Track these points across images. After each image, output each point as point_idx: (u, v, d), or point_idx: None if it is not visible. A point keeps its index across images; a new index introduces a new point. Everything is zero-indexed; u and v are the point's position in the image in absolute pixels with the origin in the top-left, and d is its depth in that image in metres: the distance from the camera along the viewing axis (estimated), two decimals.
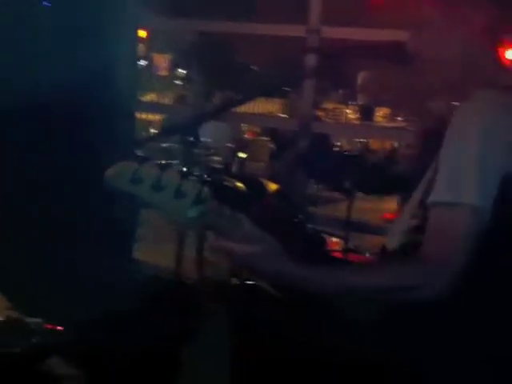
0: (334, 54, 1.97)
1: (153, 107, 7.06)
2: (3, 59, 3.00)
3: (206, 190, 1.41)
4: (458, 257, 1.37)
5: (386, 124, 10.23)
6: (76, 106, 3.13)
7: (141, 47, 10.26)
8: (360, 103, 10.72)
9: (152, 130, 7.94)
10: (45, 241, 3.09)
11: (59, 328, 2.83)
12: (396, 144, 9.24)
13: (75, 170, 3.16)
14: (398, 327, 1.51)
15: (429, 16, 1.58)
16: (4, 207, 3.07)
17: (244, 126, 8.67)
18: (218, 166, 6.12)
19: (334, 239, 3.32)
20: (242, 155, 6.78)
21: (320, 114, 8.17)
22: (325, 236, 3.16)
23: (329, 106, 11.13)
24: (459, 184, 1.39)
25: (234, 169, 6.37)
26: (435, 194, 1.42)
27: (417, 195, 1.56)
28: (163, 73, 15.53)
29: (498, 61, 1.61)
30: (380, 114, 11.28)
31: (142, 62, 11.76)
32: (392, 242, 1.57)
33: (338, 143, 9.18)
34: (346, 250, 3.02)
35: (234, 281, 2.94)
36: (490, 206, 1.39)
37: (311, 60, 3.74)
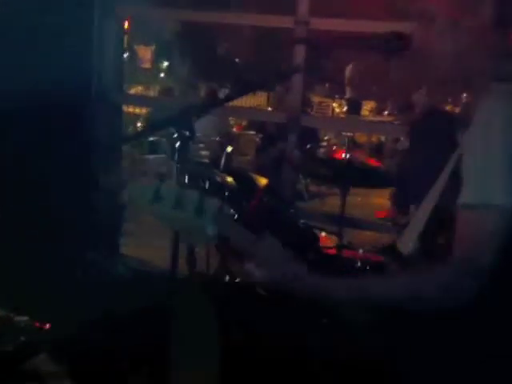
0: (326, 45, 1.94)
1: (140, 100, 6.98)
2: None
3: (225, 206, 1.45)
4: (488, 258, 1.36)
5: (373, 118, 10.22)
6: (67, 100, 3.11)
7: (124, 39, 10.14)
8: (347, 97, 10.69)
9: (139, 124, 7.89)
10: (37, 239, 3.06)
11: (47, 326, 2.78)
12: (383, 138, 9.24)
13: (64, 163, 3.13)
14: (407, 328, 1.50)
15: (431, 8, 1.54)
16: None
17: (231, 120, 8.63)
18: (206, 160, 6.08)
19: (325, 234, 3.28)
20: (229, 149, 6.73)
21: (307, 107, 8.13)
22: (317, 232, 3.13)
23: (316, 99, 11.08)
24: (488, 185, 1.38)
25: (222, 163, 6.33)
26: (464, 195, 1.41)
27: (431, 198, 1.54)
28: (147, 65, 15.43)
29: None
30: (367, 107, 11.26)
31: (126, 54, 11.66)
32: (406, 245, 1.56)
33: (326, 137, 9.17)
34: (340, 247, 2.98)
35: (226, 279, 2.91)
36: None
37: (298, 53, 3.70)
